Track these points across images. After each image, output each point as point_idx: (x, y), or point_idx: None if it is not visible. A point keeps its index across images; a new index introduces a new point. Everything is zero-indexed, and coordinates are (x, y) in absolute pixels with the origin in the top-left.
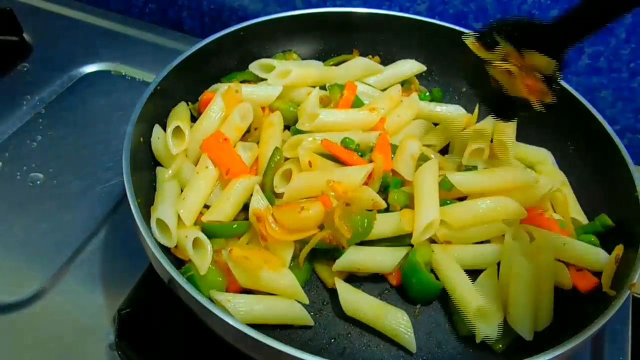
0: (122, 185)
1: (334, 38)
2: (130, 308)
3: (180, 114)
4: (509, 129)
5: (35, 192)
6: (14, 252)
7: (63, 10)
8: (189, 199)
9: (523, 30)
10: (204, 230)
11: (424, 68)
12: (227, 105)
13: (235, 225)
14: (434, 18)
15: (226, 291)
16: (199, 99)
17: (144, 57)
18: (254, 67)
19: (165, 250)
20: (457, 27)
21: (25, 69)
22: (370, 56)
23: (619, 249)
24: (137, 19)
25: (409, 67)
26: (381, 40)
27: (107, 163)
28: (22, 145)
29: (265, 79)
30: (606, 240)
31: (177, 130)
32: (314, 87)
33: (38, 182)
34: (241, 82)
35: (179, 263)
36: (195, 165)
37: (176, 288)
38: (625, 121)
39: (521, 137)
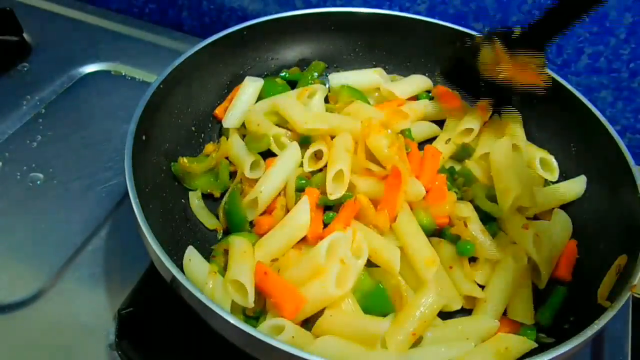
0: (122, 185)
1: (338, 37)
2: (130, 308)
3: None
4: (520, 131)
5: (35, 192)
6: (14, 252)
7: (63, 10)
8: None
9: (512, 35)
10: None
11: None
12: None
13: None
14: (434, 18)
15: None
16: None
17: (144, 57)
18: None
19: (167, 249)
20: (457, 27)
21: (25, 69)
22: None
23: (621, 259)
24: (137, 19)
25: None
26: (384, 40)
27: (107, 163)
28: (22, 145)
29: None
30: (607, 246)
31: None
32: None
33: (38, 182)
34: None
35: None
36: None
37: (178, 287)
38: (626, 121)
39: None
